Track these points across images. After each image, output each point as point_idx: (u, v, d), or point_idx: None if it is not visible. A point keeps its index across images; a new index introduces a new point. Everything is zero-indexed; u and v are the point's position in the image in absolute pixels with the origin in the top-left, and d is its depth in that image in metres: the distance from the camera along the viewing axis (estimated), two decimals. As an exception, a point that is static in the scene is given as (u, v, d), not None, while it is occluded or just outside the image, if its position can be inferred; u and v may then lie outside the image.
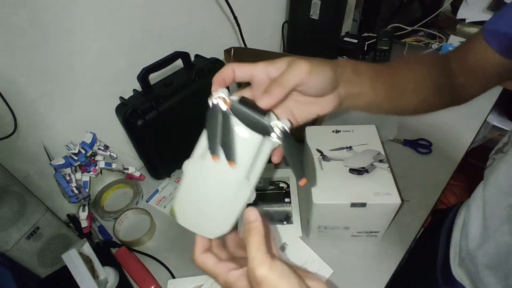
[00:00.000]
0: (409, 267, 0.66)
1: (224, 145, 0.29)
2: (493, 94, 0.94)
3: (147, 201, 0.74)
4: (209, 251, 0.33)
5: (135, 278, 0.60)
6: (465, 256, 0.50)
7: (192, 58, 0.71)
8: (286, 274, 0.27)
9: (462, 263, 0.52)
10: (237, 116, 0.29)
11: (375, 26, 1.08)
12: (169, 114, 0.66)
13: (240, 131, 0.30)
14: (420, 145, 0.80)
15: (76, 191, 0.63)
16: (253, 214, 0.30)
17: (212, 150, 0.29)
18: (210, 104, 0.29)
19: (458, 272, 0.52)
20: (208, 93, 0.30)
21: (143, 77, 0.62)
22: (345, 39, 0.92)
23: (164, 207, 0.73)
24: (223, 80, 0.33)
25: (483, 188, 0.49)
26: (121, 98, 0.66)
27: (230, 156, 0.29)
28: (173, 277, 0.61)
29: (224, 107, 0.29)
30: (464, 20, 1.07)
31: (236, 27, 0.82)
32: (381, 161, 0.57)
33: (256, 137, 0.30)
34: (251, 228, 0.29)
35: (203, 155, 0.31)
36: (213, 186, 0.31)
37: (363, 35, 1.09)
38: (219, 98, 0.29)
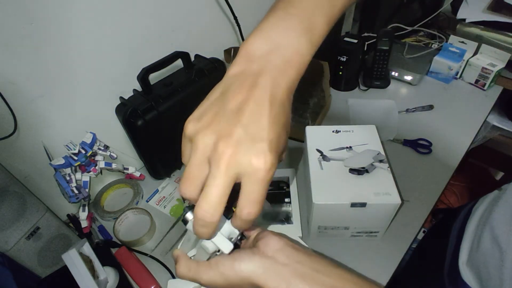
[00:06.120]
0: (413, 267, 0.66)
1: None
2: (493, 94, 0.94)
3: (147, 201, 0.74)
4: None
5: (135, 278, 0.60)
6: (474, 256, 0.50)
7: (192, 58, 0.71)
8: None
9: (471, 263, 0.51)
10: None
11: (375, 26, 1.08)
12: (169, 114, 0.66)
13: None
14: (420, 145, 0.80)
15: (76, 191, 0.63)
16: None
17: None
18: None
19: (466, 273, 0.52)
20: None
21: (143, 77, 0.62)
22: (345, 39, 0.92)
23: (164, 207, 0.73)
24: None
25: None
26: (121, 98, 0.66)
27: None
28: (173, 277, 0.60)
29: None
30: (464, 20, 1.06)
31: (236, 27, 0.82)
32: (381, 161, 0.57)
33: None
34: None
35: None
36: None
37: (363, 35, 1.09)
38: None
